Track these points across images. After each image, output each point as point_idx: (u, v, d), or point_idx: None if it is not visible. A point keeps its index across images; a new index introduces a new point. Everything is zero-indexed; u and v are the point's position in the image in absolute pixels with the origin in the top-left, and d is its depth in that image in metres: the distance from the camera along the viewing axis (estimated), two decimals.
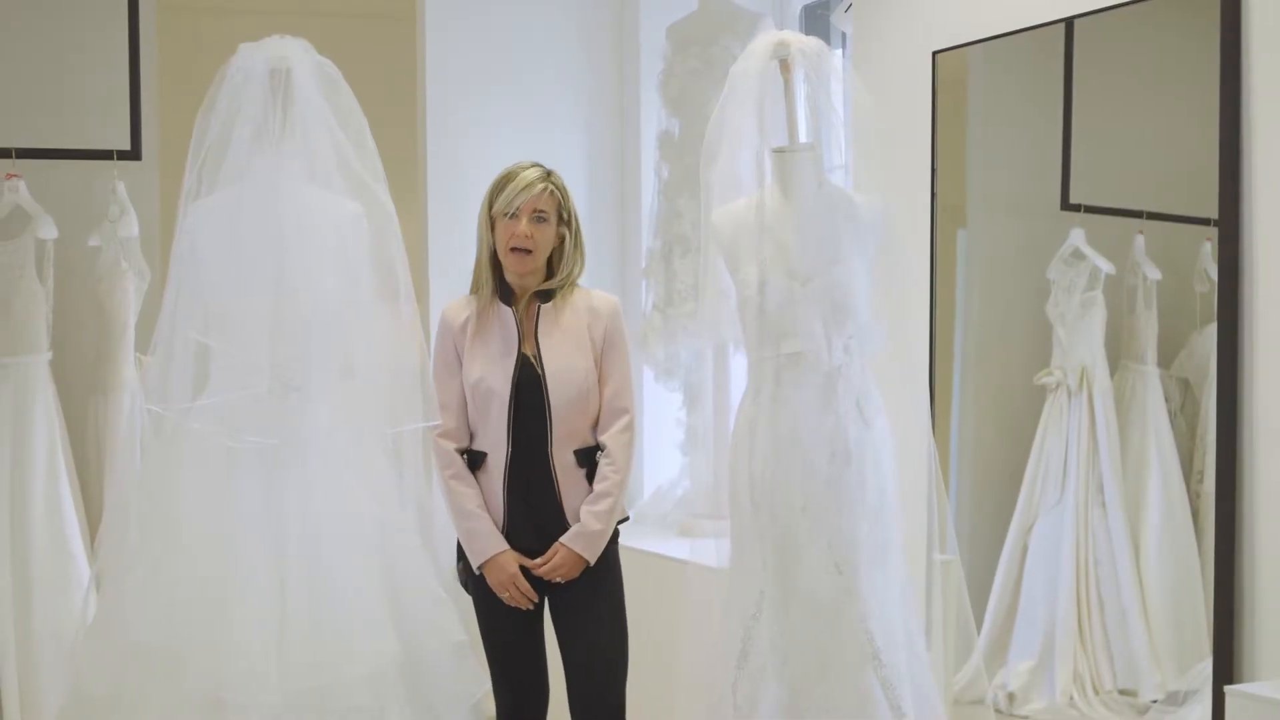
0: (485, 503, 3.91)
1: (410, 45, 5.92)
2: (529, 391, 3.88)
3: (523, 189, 3.88)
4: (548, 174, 3.94)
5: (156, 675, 3.56)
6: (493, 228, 3.93)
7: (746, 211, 3.68)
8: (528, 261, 3.90)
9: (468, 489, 3.93)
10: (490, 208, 3.93)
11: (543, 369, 3.88)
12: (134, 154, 5.55)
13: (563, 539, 3.88)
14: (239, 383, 3.69)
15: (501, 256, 3.92)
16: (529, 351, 3.91)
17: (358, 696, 3.58)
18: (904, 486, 3.73)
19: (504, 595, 3.90)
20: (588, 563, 3.89)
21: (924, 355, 4.45)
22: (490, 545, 3.90)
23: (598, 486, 3.92)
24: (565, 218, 3.96)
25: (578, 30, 6.09)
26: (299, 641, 3.57)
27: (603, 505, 3.90)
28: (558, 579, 3.88)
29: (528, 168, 3.94)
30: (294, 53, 3.80)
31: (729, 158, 3.72)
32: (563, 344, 3.92)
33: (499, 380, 3.88)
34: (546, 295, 3.96)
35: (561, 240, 3.96)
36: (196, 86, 3.86)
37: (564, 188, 3.97)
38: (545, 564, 3.88)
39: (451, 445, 3.95)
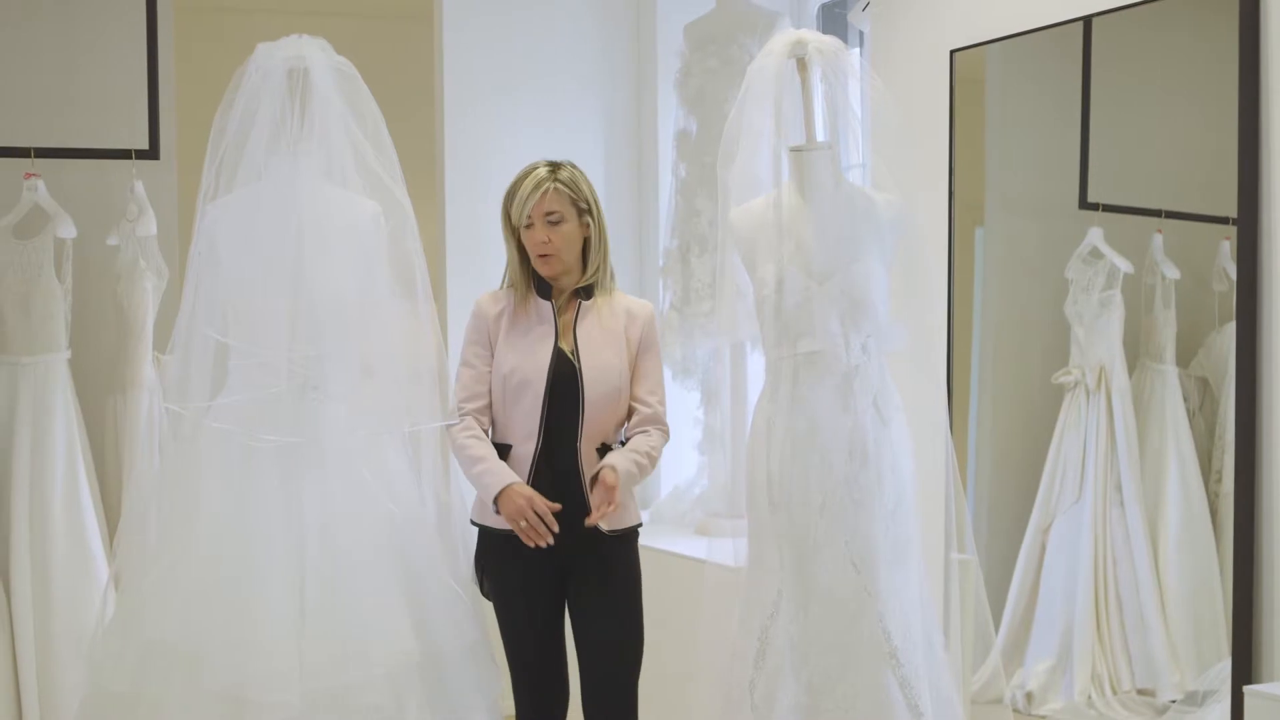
0: None
1: (428, 45, 5.93)
2: (564, 385, 3.87)
3: (528, 196, 3.86)
4: (553, 172, 3.91)
5: (175, 673, 3.57)
6: (518, 236, 3.93)
7: (764, 210, 3.67)
8: (554, 264, 3.90)
9: (477, 441, 3.88)
10: (509, 218, 3.93)
11: (580, 364, 3.88)
12: (152, 153, 5.56)
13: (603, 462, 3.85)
14: (257, 381, 3.70)
15: (533, 263, 3.92)
16: (566, 346, 3.90)
17: (376, 695, 3.59)
18: (922, 485, 3.73)
19: (520, 524, 3.76)
20: (617, 490, 3.80)
21: (942, 354, 4.44)
22: (501, 478, 3.80)
23: (637, 441, 3.92)
24: (585, 207, 3.94)
25: (595, 29, 6.10)
26: (317, 640, 3.58)
27: (641, 449, 3.89)
28: (600, 520, 3.80)
29: (533, 170, 3.91)
30: (312, 52, 3.81)
31: (746, 157, 3.71)
32: (601, 341, 3.91)
33: (534, 372, 3.87)
34: (587, 292, 3.96)
35: (588, 229, 3.96)
36: (214, 86, 3.88)
37: (573, 180, 3.92)
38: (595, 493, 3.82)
39: (471, 406, 3.91)
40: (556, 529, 3.77)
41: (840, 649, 3.52)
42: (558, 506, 3.78)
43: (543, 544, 3.76)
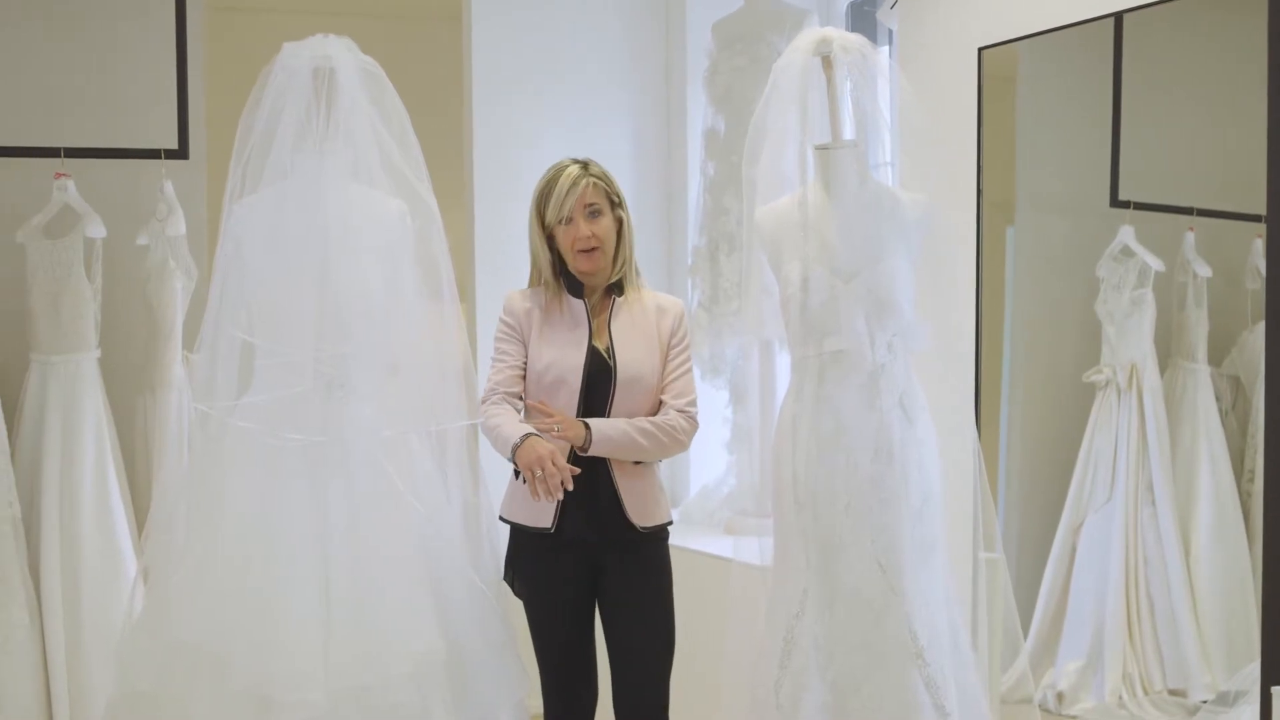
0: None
1: (455, 45, 5.93)
2: (598, 382, 3.87)
3: (568, 191, 3.86)
4: (585, 166, 3.93)
5: (202, 672, 3.58)
6: (550, 236, 3.92)
7: (789, 209, 3.66)
8: (598, 258, 3.91)
9: (504, 411, 3.88)
10: (542, 218, 3.92)
11: (615, 361, 3.87)
12: (181, 153, 5.57)
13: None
14: (283, 381, 3.70)
15: (571, 260, 3.91)
16: (600, 344, 3.90)
17: (401, 694, 3.59)
18: (949, 484, 3.71)
19: (535, 475, 3.69)
20: (585, 436, 3.80)
21: (970, 353, 4.42)
22: (522, 429, 3.79)
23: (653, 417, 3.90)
24: (616, 201, 3.95)
25: (623, 28, 6.09)
26: (343, 639, 3.58)
27: (648, 420, 3.87)
28: (554, 428, 3.78)
29: (565, 167, 3.92)
30: (338, 51, 3.81)
31: (772, 155, 3.70)
32: (635, 339, 3.91)
33: (570, 370, 3.87)
34: (618, 288, 3.97)
35: (619, 223, 3.96)
36: (243, 85, 3.88)
37: (605, 174, 3.95)
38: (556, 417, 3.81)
39: (505, 390, 3.91)
40: (570, 488, 3.71)
41: (866, 649, 3.51)
42: (577, 470, 3.73)
43: (550, 499, 3.71)
